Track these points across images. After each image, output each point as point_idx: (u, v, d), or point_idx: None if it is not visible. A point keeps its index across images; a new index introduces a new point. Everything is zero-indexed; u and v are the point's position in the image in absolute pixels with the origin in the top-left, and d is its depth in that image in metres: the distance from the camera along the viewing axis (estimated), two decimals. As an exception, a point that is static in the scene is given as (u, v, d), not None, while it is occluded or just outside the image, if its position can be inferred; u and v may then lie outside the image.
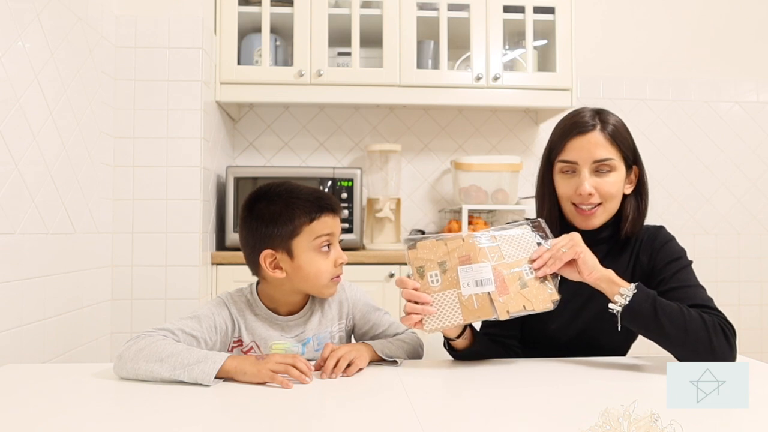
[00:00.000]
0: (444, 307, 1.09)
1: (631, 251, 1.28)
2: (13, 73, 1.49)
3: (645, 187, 1.28)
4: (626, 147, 1.24)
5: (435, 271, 1.12)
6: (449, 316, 1.09)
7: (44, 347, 1.65)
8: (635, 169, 1.28)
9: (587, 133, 1.21)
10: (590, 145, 1.21)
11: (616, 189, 1.23)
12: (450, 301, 1.09)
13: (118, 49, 2.11)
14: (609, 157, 1.21)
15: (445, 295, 1.10)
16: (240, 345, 1.23)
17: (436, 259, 1.13)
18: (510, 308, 1.08)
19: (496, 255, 1.12)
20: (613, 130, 1.22)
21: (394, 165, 2.66)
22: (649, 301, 1.08)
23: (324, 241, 1.19)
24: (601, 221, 1.25)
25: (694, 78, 2.96)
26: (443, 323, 1.09)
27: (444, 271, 1.11)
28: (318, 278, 1.19)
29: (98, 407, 0.95)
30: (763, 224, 2.97)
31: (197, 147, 2.14)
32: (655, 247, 1.25)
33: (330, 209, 1.20)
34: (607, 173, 1.22)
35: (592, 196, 1.22)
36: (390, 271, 2.29)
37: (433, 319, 1.09)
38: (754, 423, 0.86)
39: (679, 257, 1.23)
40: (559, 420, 0.87)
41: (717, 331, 1.07)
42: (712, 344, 1.06)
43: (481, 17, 2.49)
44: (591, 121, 1.23)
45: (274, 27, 2.48)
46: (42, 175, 1.62)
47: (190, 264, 2.11)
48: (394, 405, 0.94)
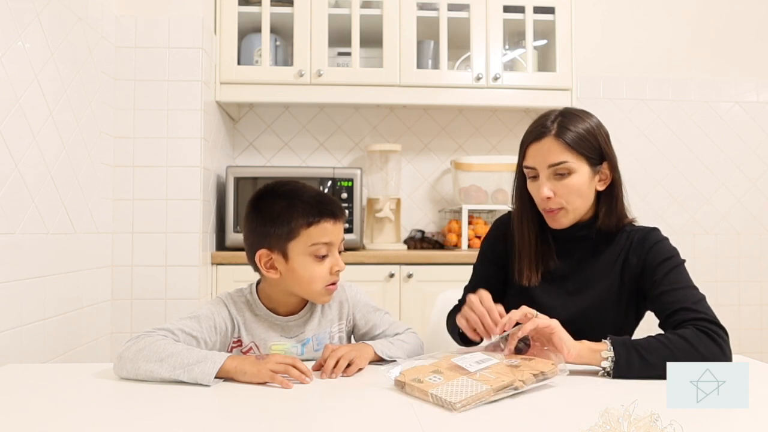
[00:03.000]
0: (460, 389, 0.95)
1: (620, 251, 1.28)
2: (13, 73, 1.49)
3: (618, 184, 1.28)
4: (586, 148, 1.23)
5: (432, 375, 0.99)
6: (470, 390, 0.94)
7: (44, 347, 1.65)
8: (607, 165, 1.27)
9: (541, 139, 1.24)
10: (544, 151, 1.23)
11: (577, 191, 1.23)
12: (462, 384, 0.96)
13: (118, 49, 2.11)
14: (563, 161, 1.22)
15: (455, 384, 0.96)
16: (239, 345, 1.23)
17: (427, 370, 1.02)
18: (525, 377, 0.98)
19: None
20: (569, 133, 1.22)
21: (394, 165, 2.66)
22: (632, 352, 1.07)
23: (321, 248, 1.17)
24: (569, 221, 1.27)
25: (694, 78, 2.96)
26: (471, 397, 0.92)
27: (441, 372, 1.01)
28: (311, 284, 1.19)
29: (98, 407, 0.94)
30: (763, 224, 2.97)
31: (197, 147, 2.14)
32: (645, 248, 1.25)
33: (331, 215, 1.18)
34: (566, 176, 1.22)
35: (550, 199, 1.24)
36: (390, 271, 2.29)
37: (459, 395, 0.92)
38: (754, 423, 0.86)
39: (670, 257, 1.23)
40: (559, 420, 0.87)
41: (703, 342, 1.08)
42: (704, 357, 1.06)
43: (481, 17, 2.49)
44: (549, 126, 1.24)
45: (274, 27, 2.48)
46: (42, 175, 1.62)
47: (190, 264, 2.11)
48: (394, 405, 0.94)
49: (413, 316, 2.27)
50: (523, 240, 1.32)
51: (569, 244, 1.31)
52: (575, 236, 1.30)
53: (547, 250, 1.32)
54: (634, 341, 1.10)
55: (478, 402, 0.91)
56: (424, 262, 2.32)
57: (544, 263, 1.31)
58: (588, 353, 1.09)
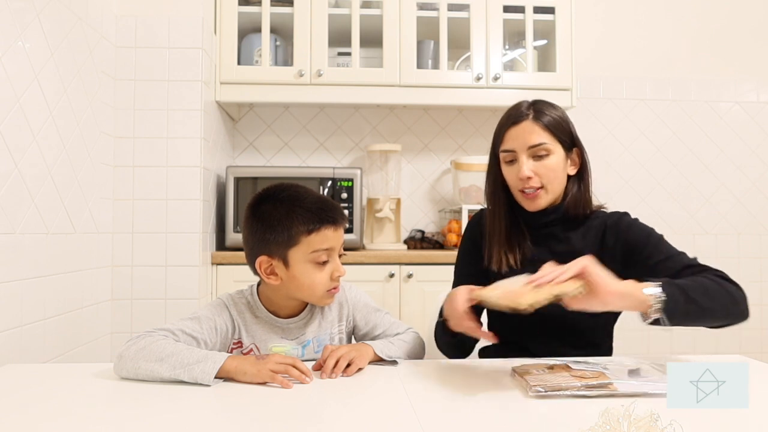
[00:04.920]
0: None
1: (596, 234, 1.32)
2: (13, 73, 1.49)
3: (587, 168, 1.35)
4: (561, 132, 1.30)
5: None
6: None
7: (44, 347, 1.65)
8: (576, 152, 1.34)
9: (521, 122, 1.30)
10: (524, 133, 1.29)
11: (555, 171, 1.29)
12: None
13: (118, 49, 2.11)
14: (543, 142, 1.28)
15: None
16: (240, 347, 1.23)
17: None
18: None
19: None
20: (546, 117, 1.30)
21: (394, 165, 2.66)
22: (675, 289, 1.07)
23: (322, 255, 1.17)
24: (546, 202, 1.31)
25: (694, 78, 2.96)
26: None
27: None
28: (312, 290, 1.19)
29: (98, 407, 0.94)
30: (763, 224, 2.96)
31: (197, 147, 2.14)
32: (622, 230, 1.30)
33: (332, 222, 1.17)
34: (544, 157, 1.29)
35: (531, 179, 1.28)
36: (390, 271, 2.29)
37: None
38: (754, 423, 0.86)
39: (650, 232, 1.29)
40: (560, 419, 0.87)
41: (724, 283, 1.14)
42: (731, 295, 1.13)
43: (481, 17, 2.49)
44: (525, 111, 1.31)
45: (274, 27, 2.48)
46: (42, 175, 1.62)
47: (190, 264, 2.11)
48: (394, 405, 0.94)
49: (413, 316, 2.27)
50: (494, 225, 1.36)
51: (542, 230, 1.35)
52: (546, 221, 1.34)
53: (520, 237, 1.35)
54: (672, 280, 1.10)
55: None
56: (424, 262, 2.32)
57: (521, 250, 1.34)
58: (633, 290, 1.04)
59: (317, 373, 1.10)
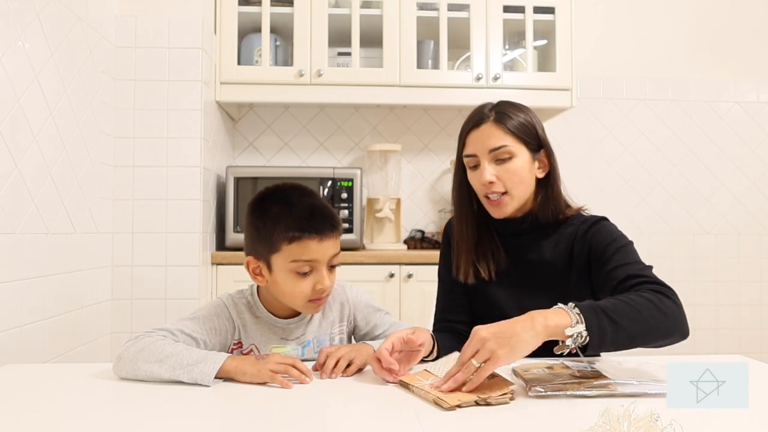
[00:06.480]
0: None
1: (567, 242, 1.26)
2: (13, 73, 1.49)
3: (555, 171, 1.28)
4: (525, 133, 1.24)
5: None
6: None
7: (44, 347, 1.65)
8: (544, 153, 1.27)
9: (481, 125, 1.25)
10: (484, 136, 1.24)
11: (518, 175, 1.23)
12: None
13: (118, 49, 2.11)
14: (503, 144, 1.22)
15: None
16: (240, 347, 1.23)
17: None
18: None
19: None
20: (507, 118, 1.24)
21: (394, 165, 2.66)
22: (597, 312, 0.99)
23: (303, 266, 1.13)
24: (511, 209, 1.26)
25: (694, 78, 2.96)
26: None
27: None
28: (293, 298, 1.17)
29: (98, 407, 0.94)
30: (763, 224, 2.97)
31: (197, 147, 2.14)
32: (588, 236, 1.24)
33: (316, 232, 1.12)
34: (507, 160, 1.23)
35: (494, 184, 1.23)
36: (390, 271, 2.29)
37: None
38: (754, 423, 0.86)
39: (614, 238, 1.22)
40: (560, 419, 0.87)
41: (659, 299, 1.04)
42: (665, 314, 1.03)
43: (481, 17, 2.49)
44: (487, 113, 1.25)
45: (274, 27, 2.48)
46: (42, 175, 1.62)
47: (190, 264, 2.11)
48: (394, 405, 0.94)
49: (413, 316, 2.27)
50: (462, 234, 1.32)
51: (514, 239, 1.30)
52: (518, 229, 1.29)
53: (492, 246, 1.31)
54: (597, 303, 1.01)
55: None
56: (424, 262, 2.32)
57: (494, 261, 1.29)
58: (551, 329, 0.96)
59: (317, 373, 1.10)
